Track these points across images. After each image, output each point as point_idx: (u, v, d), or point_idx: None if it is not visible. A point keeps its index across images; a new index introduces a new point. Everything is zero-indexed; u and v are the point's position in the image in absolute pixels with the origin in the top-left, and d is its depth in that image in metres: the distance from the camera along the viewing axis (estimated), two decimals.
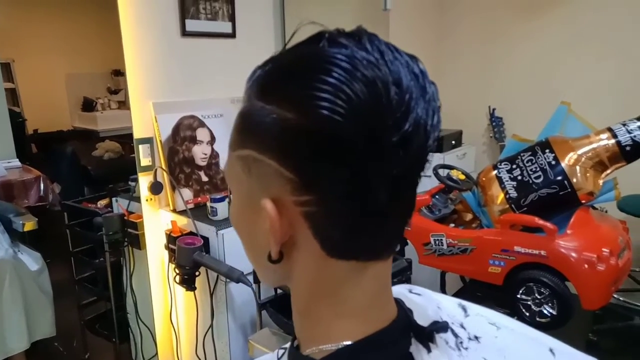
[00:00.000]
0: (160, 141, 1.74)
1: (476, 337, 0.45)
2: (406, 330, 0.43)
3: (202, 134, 1.85)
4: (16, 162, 1.72)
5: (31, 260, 1.68)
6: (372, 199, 0.37)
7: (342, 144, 0.35)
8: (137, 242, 1.79)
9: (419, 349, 0.42)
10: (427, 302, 0.48)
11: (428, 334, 0.43)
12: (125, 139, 1.96)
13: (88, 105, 1.98)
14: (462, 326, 0.47)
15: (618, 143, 1.71)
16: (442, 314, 0.47)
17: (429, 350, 0.42)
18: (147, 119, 1.74)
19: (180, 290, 1.76)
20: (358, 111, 0.34)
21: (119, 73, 1.92)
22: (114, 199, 1.93)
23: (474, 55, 3.01)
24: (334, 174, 0.36)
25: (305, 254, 0.40)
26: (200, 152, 1.83)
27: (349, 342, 0.41)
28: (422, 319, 0.45)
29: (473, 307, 0.50)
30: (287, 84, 0.37)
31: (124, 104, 1.96)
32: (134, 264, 1.87)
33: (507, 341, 0.46)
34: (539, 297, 1.67)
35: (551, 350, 0.47)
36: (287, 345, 0.60)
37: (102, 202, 2.00)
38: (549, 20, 2.73)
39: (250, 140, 0.39)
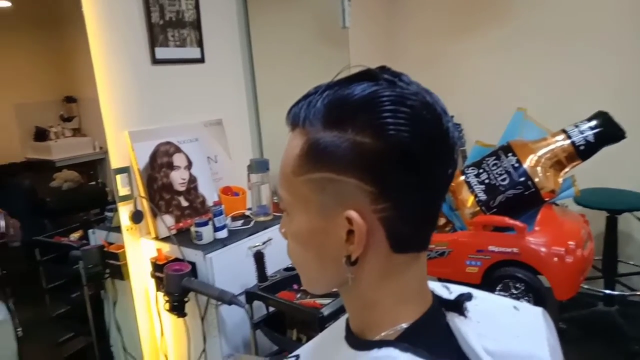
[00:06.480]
0: (138, 169, 1.73)
1: (467, 308, 0.55)
2: (440, 305, 0.54)
3: (179, 160, 1.85)
4: None
5: None
6: (436, 196, 0.49)
7: (412, 156, 0.44)
8: (120, 272, 1.76)
9: (452, 319, 0.53)
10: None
11: (460, 305, 0.53)
12: (83, 167, 1.92)
13: (41, 135, 1.92)
14: None
15: (573, 143, 1.86)
16: (438, 293, 0.57)
17: (465, 317, 0.53)
18: (123, 148, 1.74)
19: (168, 317, 1.74)
20: (421, 130, 0.45)
21: (72, 99, 1.89)
22: (90, 231, 1.89)
23: (430, 68, 3.15)
24: (407, 181, 0.45)
25: (375, 253, 0.48)
26: (178, 178, 1.84)
27: (406, 324, 0.49)
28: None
29: (452, 286, 0.61)
30: (360, 116, 0.45)
31: (78, 131, 1.92)
32: (116, 296, 1.84)
33: (484, 307, 0.58)
34: (515, 292, 1.77)
35: (515, 307, 0.61)
36: (297, 353, 0.65)
37: (74, 235, 1.95)
38: (499, 34, 2.91)
39: (325, 164, 0.46)
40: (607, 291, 2.44)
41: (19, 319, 1.65)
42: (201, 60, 2.00)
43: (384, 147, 0.44)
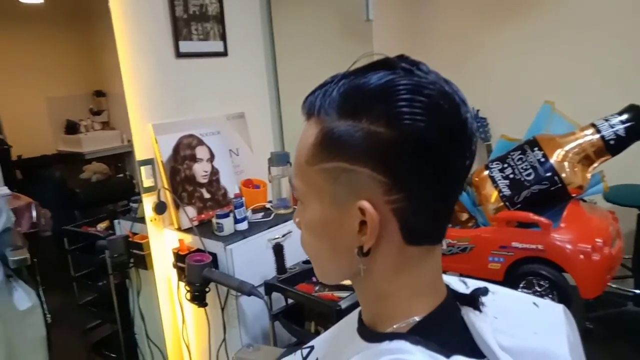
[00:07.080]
0: (162, 161, 1.77)
1: (482, 302, 0.53)
2: (455, 299, 0.53)
3: (201, 152, 1.88)
4: (5, 190, 1.69)
5: (25, 297, 1.57)
6: (452, 189, 0.47)
7: (428, 147, 0.43)
8: (143, 262, 1.80)
9: (467, 313, 0.52)
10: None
11: (475, 299, 0.52)
12: (111, 160, 1.96)
13: (71, 128, 1.96)
14: None
15: (602, 138, 1.80)
16: (453, 287, 0.56)
17: (480, 311, 0.52)
18: (147, 140, 1.77)
19: (189, 307, 1.78)
20: (437, 120, 0.43)
21: (101, 94, 1.93)
22: (115, 221, 1.94)
23: (454, 61, 3.10)
24: (422, 172, 0.44)
25: (388, 245, 0.48)
26: (201, 170, 1.86)
27: (419, 317, 0.49)
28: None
29: (469, 280, 0.61)
30: (375, 105, 0.44)
31: (107, 125, 1.96)
32: (140, 285, 1.88)
33: (503, 302, 0.57)
34: (539, 289, 1.73)
35: (535, 304, 0.60)
36: (312, 343, 0.65)
37: (101, 225, 2.00)
38: (526, 28, 2.83)
39: (339, 154, 0.46)
40: (637, 291, 2.36)
41: (49, 306, 1.69)
42: (224, 53, 2.02)
43: (399, 137, 0.43)
